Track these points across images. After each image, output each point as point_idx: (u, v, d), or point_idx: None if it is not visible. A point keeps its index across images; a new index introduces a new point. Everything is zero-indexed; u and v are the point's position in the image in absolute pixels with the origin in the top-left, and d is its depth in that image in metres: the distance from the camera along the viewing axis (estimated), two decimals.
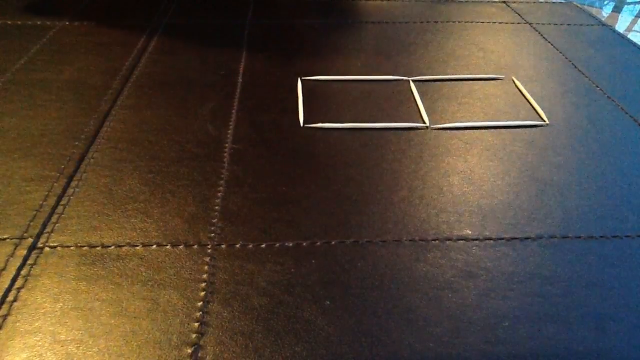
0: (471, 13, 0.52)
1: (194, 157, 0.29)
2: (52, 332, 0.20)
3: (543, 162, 0.31)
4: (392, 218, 0.26)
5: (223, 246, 0.24)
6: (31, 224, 0.25)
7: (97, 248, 0.23)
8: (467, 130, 0.33)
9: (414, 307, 0.22)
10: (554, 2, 0.57)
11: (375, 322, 0.21)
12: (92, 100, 0.34)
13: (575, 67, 0.42)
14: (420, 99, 0.36)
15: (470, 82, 0.39)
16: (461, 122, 0.34)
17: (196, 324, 0.20)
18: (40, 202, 0.26)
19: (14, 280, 0.22)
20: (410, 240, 0.25)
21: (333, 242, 0.24)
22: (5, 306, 0.21)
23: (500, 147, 0.32)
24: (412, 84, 0.38)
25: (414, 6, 0.52)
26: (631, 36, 0.50)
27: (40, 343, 0.19)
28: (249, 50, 0.42)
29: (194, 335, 0.20)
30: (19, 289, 0.21)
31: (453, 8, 0.53)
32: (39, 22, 0.45)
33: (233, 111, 0.34)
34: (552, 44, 0.46)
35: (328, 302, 0.22)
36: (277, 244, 0.24)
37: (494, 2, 0.55)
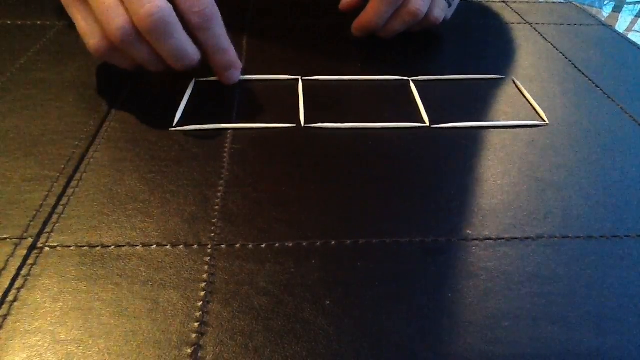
0: (471, 13, 0.52)
1: (194, 157, 0.29)
2: (52, 332, 0.20)
3: (543, 162, 0.31)
4: (392, 218, 0.26)
5: (223, 246, 0.24)
6: (31, 224, 0.25)
7: (97, 248, 0.24)
8: (467, 130, 0.33)
9: (414, 307, 0.22)
10: (554, 2, 0.57)
11: (375, 322, 0.21)
12: (92, 100, 0.34)
13: (575, 67, 0.42)
14: (420, 99, 0.36)
15: (470, 82, 0.39)
16: (461, 122, 0.34)
17: (196, 324, 0.20)
18: (40, 202, 0.26)
19: (14, 280, 0.22)
20: (410, 241, 0.25)
21: (333, 242, 0.24)
22: (5, 306, 0.21)
23: (500, 147, 0.32)
24: (412, 84, 0.38)
25: None
26: (631, 36, 0.50)
27: (40, 343, 0.19)
28: (249, 50, 0.42)
29: (194, 335, 0.20)
30: (19, 289, 0.21)
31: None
32: (39, 22, 0.45)
33: (233, 112, 0.34)
34: (552, 44, 0.46)
35: (328, 302, 0.22)
36: (277, 244, 0.24)
37: (494, 2, 0.55)
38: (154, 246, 0.24)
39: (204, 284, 0.22)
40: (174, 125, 0.32)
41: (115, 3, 0.29)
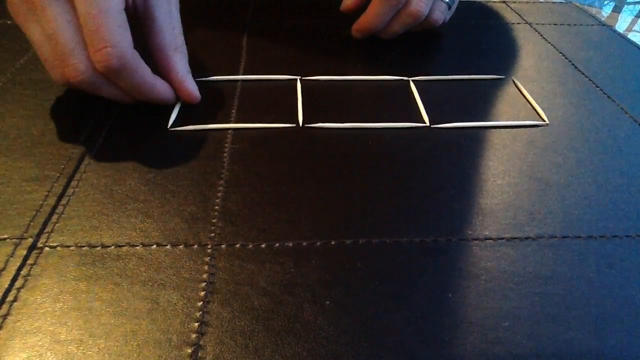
0: (471, 13, 0.52)
1: (194, 157, 0.29)
2: (52, 332, 0.20)
3: (543, 162, 0.31)
4: (392, 218, 0.26)
5: (223, 246, 0.24)
6: (31, 224, 0.25)
7: (97, 248, 0.24)
8: (467, 130, 0.33)
9: (414, 307, 0.22)
10: (554, 2, 0.57)
11: (375, 322, 0.21)
12: (92, 100, 0.34)
13: (575, 67, 0.42)
14: (420, 99, 0.36)
15: (470, 82, 0.39)
16: (461, 122, 0.34)
17: (196, 324, 0.20)
18: (40, 202, 0.26)
19: (14, 280, 0.22)
20: (410, 241, 0.25)
21: (333, 242, 0.24)
22: (5, 306, 0.21)
23: (500, 147, 0.32)
24: (412, 84, 0.38)
25: None
26: (631, 36, 0.50)
27: (40, 343, 0.19)
28: (248, 50, 0.42)
29: (194, 335, 0.20)
30: (19, 289, 0.21)
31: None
32: None
33: (233, 111, 0.34)
34: (552, 44, 0.46)
35: (328, 302, 0.22)
36: (277, 244, 0.24)
37: (494, 2, 0.55)
38: (154, 246, 0.24)
39: (204, 284, 0.22)
40: (168, 126, 0.32)
41: (72, 43, 0.28)
